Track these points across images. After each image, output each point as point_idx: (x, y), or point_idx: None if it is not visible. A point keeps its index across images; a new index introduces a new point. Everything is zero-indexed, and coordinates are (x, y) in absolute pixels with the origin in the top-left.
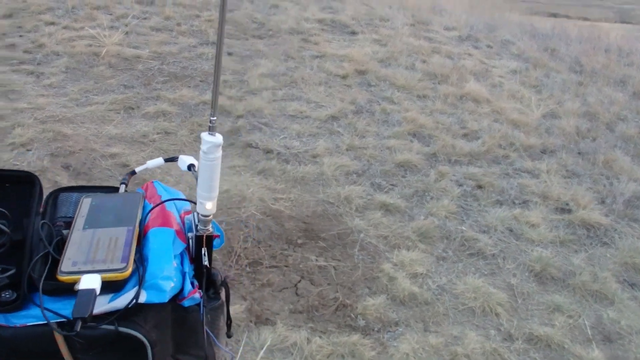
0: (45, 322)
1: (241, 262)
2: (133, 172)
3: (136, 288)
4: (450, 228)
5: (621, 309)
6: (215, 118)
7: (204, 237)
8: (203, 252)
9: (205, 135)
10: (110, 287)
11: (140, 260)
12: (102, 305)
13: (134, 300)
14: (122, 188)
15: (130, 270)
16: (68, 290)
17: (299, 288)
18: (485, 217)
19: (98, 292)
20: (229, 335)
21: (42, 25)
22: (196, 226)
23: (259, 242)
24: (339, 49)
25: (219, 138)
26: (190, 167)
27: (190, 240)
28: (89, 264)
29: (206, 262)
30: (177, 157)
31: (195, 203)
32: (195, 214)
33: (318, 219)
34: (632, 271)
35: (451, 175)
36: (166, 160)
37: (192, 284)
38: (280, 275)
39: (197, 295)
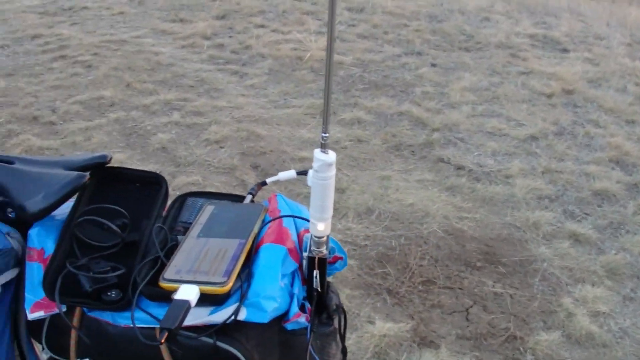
0: (151, 326)
1: (414, 280)
2: (263, 183)
3: (237, 304)
4: None
5: None
6: (327, 134)
7: (316, 259)
8: (315, 275)
9: (317, 153)
10: (212, 299)
11: (247, 276)
12: (202, 317)
13: (233, 317)
14: (248, 198)
15: (230, 285)
16: (169, 297)
17: (470, 313)
18: None
19: (193, 304)
20: None
21: (251, 28)
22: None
23: (436, 261)
24: (548, 67)
25: (331, 156)
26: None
27: (304, 261)
28: (191, 274)
29: (317, 286)
30: (307, 171)
31: None
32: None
33: (501, 242)
34: None
35: None
36: (298, 174)
37: (302, 306)
38: (452, 297)
39: (302, 319)
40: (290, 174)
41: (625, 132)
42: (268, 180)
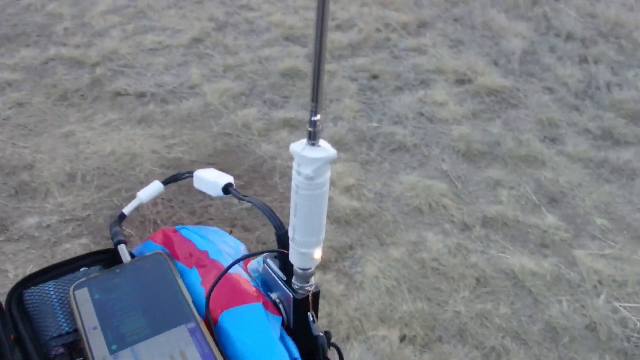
0: None
1: (157, 229)
2: (122, 216)
3: None
4: (362, 128)
5: (554, 167)
6: (318, 117)
7: (310, 297)
8: (311, 318)
9: (303, 148)
10: None
11: None
12: None
13: None
14: (124, 250)
15: None
16: None
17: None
18: (392, 107)
19: None
20: None
21: None
22: (285, 282)
23: (169, 201)
24: None
25: (328, 149)
26: (228, 188)
27: (281, 305)
28: None
29: (319, 331)
30: (191, 174)
31: (280, 252)
32: (264, 263)
33: (223, 155)
34: (548, 127)
35: (341, 72)
36: (166, 183)
37: None
38: None
39: None
40: (155, 188)
41: (279, 8)
42: (126, 210)
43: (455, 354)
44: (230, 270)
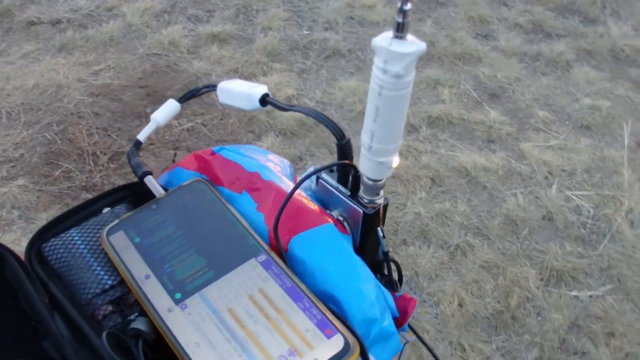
0: None
1: (100, 161)
2: (138, 144)
3: None
4: (294, 37)
5: (490, 62)
6: (409, 6)
7: (380, 210)
8: (381, 234)
9: (390, 43)
10: None
11: (326, 303)
12: None
13: None
14: (153, 182)
15: (353, 339)
16: None
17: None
18: (321, 14)
19: None
20: None
21: None
22: (351, 196)
23: (105, 130)
24: None
25: (417, 42)
26: (266, 99)
27: (345, 223)
28: None
29: (386, 247)
30: (210, 88)
31: (346, 164)
32: (320, 179)
33: (154, 77)
34: (479, 23)
35: None
36: (182, 100)
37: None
38: (151, 156)
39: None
40: (170, 107)
41: None
42: (141, 136)
43: (422, 255)
44: (288, 189)
